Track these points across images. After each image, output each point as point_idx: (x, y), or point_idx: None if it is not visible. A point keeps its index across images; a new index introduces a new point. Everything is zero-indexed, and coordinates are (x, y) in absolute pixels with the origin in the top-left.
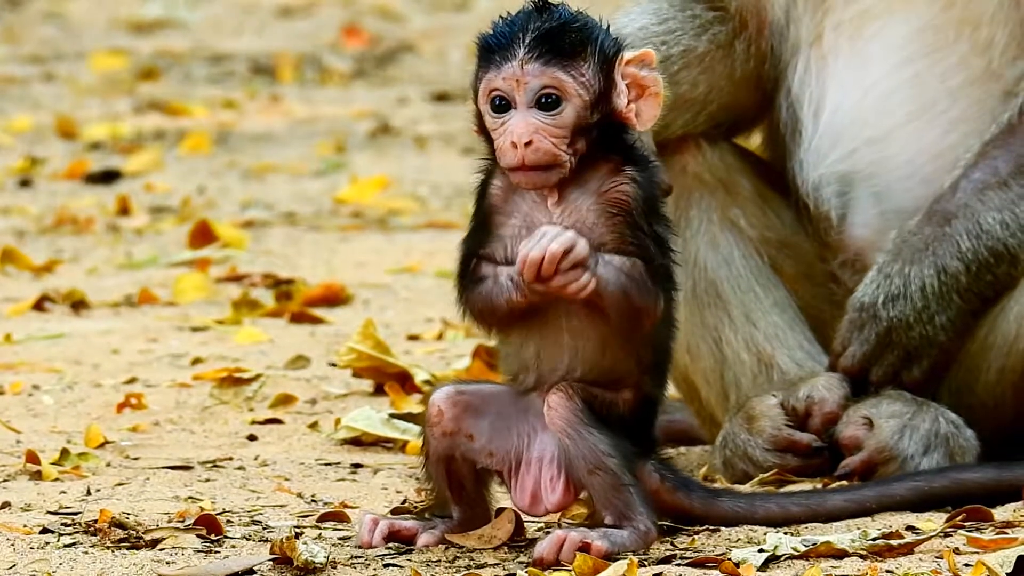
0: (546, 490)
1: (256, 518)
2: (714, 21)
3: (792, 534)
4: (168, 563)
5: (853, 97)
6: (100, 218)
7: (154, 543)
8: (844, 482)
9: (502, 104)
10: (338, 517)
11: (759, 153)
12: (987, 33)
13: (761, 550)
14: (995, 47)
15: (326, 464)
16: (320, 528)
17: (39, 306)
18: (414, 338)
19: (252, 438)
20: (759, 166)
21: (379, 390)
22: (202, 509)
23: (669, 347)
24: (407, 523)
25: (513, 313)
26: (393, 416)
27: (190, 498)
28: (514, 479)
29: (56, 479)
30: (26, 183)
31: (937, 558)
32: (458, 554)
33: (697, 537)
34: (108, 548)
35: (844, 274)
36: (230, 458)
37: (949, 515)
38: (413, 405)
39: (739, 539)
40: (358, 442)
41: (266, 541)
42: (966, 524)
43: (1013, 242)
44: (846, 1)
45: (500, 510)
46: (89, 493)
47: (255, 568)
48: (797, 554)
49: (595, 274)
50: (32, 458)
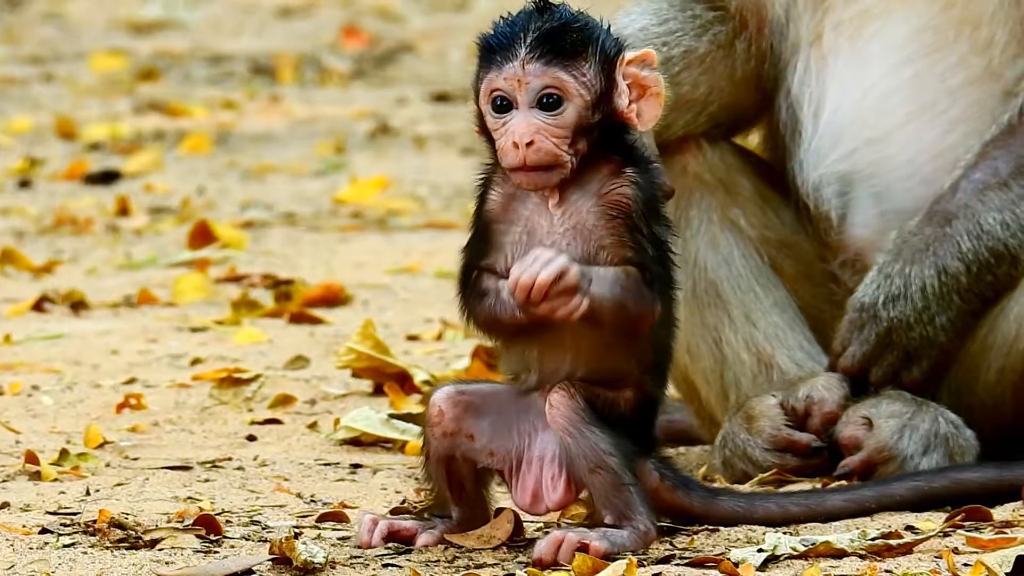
0: (547, 489)
1: (255, 518)
2: (714, 21)
3: (791, 534)
4: (167, 563)
5: (853, 97)
6: (99, 219)
7: (153, 543)
8: (843, 482)
9: (503, 104)
10: (337, 517)
11: (759, 153)
12: (987, 32)
13: (760, 550)
14: (995, 46)
15: (325, 464)
16: (319, 528)
17: (38, 307)
18: (413, 338)
19: (251, 438)
20: (759, 166)
21: (378, 390)
22: (201, 509)
23: (669, 347)
24: (406, 523)
25: (518, 327)
26: (392, 416)
27: (189, 498)
28: (515, 478)
29: (55, 479)
30: (25, 184)
31: (936, 558)
32: (457, 554)
33: (696, 537)
34: (107, 548)
35: (844, 274)
36: (229, 458)
37: (948, 515)
38: (412, 405)
39: (738, 539)
40: (357, 442)
41: (265, 541)
42: (965, 524)
43: (1014, 242)
44: (846, 1)
45: (499, 510)
46: (88, 493)
47: (254, 568)
48: (796, 554)
49: (587, 295)
50: (31, 458)
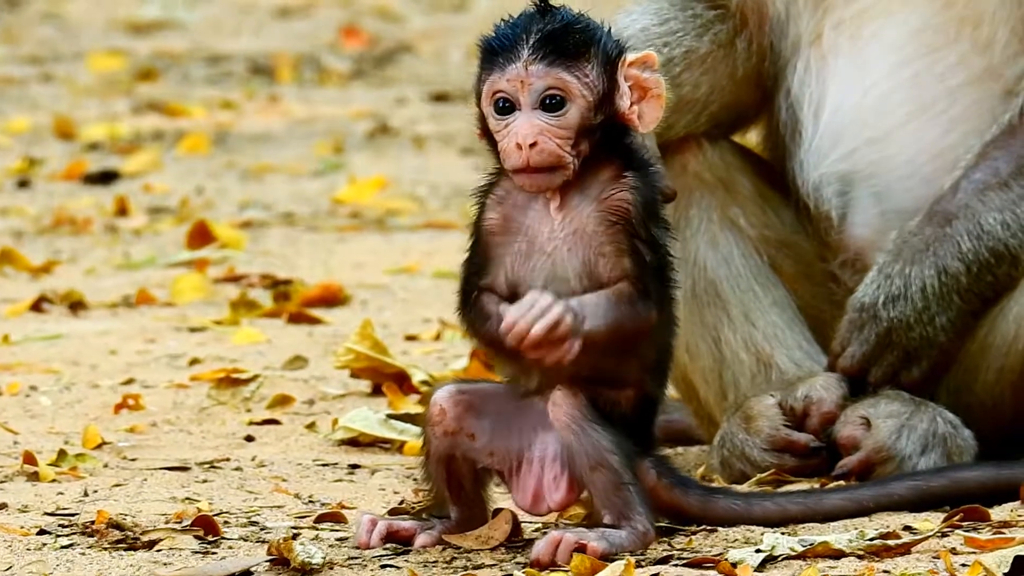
0: (549, 489)
1: (253, 519)
2: (715, 20)
3: (789, 534)
4: (165, 564)
5: (853, 97)
6: (98, 219)
7: (151, 544)
8: (841, 482)
9: (506, 106)
10: (335, 518)
11: (759, 152)
12: (987, 32)
13: (758, 550)
14: (995, 45)
15: (323, 465)
16: (317, 529)
17: (37, 307)
18: (412, 338)
19: (249, 439)
20: (759, 165)
21: (377, 391)
22: (199, 510)
23: (670, 347)
24: (405, 523)
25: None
26: (391, 417)
27: (187, 499)
28: (515, 479)
29: (53, 480)
30: (24, 184)
31: (934, 558)
32: (455, 555)
33: (694, 537)
34: (105, 549)
35: (844, 274)
36: (227, 459)
37: (946, 515)
38: (411, 406)
39: (736, 539)
40: (355, 443)
41: (263, 542)
42: (963, 524)
43: (1014, 243)
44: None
45: (497, 511)
46: (86, 494)
47: (252, 569)
48: (794, 554)
49: (581, 335)
50: (29, 459)
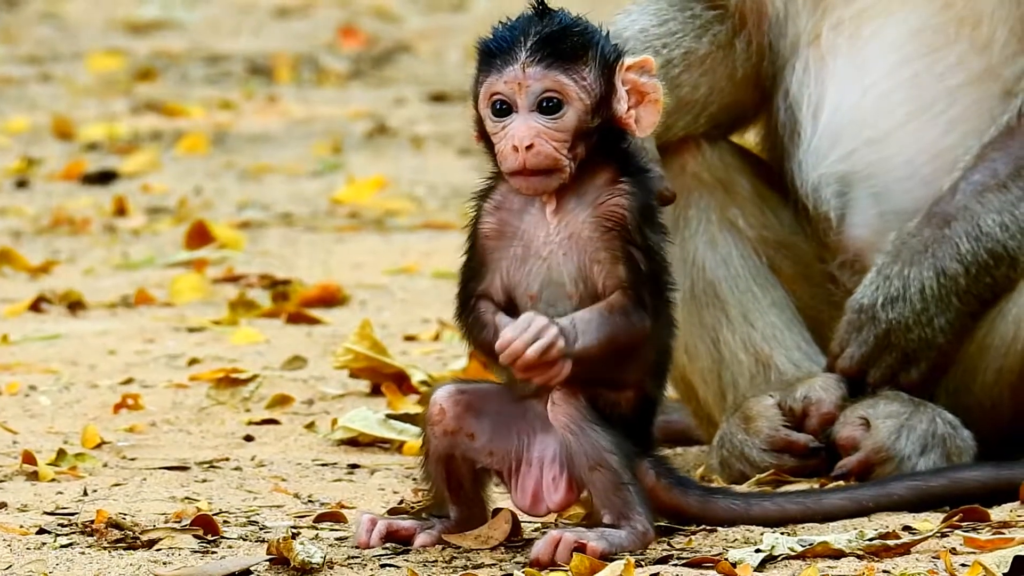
0: (548, 490)
1: (253, 518)
2: (714, 20)
3: (789, 534)
4: (165, 563)
5: (852, 97)
6: (97, 219)
7: (151, 543)
8: (841, 482)
9: (503, 108)
10: (335, 517)
11: (758, 153)
12: (987, 32)
13: (758, 550)
14: (994, 45)
15: (323, 464)
16: (317, 528)
17: (36, 307)
18: (411, 339)
19: (249, 439)
20: (758, 166)
21: (376, 391)
22: (199, 509)
23: (669, 348)
24: (405, 523)
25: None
26: (390, 416)
27: (187, 498)
28: (514, 479)
29: (53, 480)
30: (23, 184)
31: (934, 558)
32: (455, 554)
33: (694, 537)
34: (105, 548)
35: (843, 275)
36: (227, 458)
37: (946, 515)
38: (410, 406)
39: (736, 539)
40: (355, 442)
41: (263, 541)
42: (963, 524)
43: (1012, 244)
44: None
45: (497, 510)
46: (86, 494)
47: (252, 568)
48: (794, 554)
49: (573, 355)
50: (29, 459)
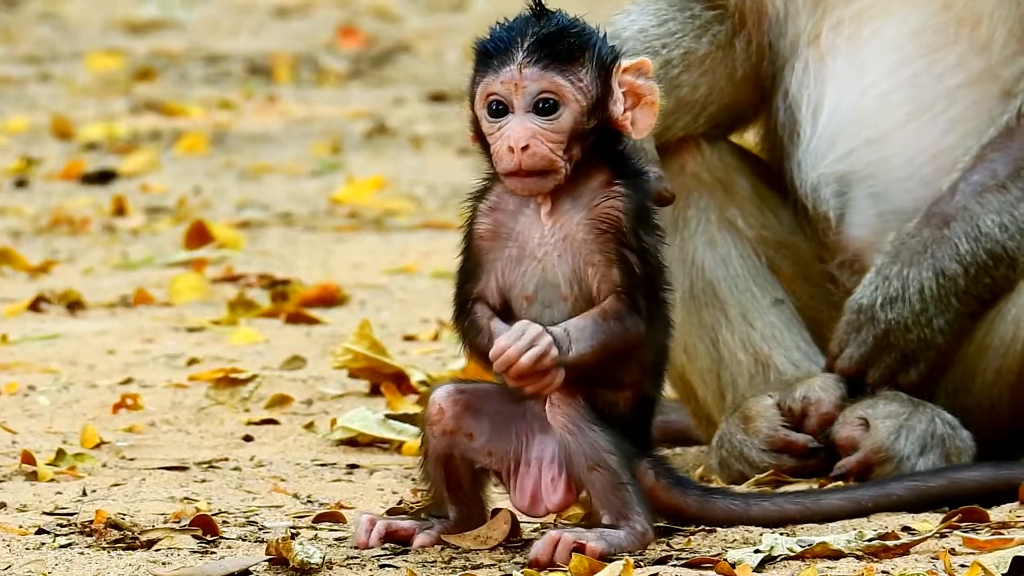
0: (547, 490)
1: (252, 519)
2: (713, 20)
3: (788, 535)
4: (164, 564)
5: (851, 97)
6: (96, 219)
7: (150, 544)
8: (840, 483)
9: (499, 109)
10: (334, 518)
11: (757, 153)
12: (986, 32)
13: (757, 551)
14: (994, 46)
15: (322, 465)
16: (316, 529)
17: (35, 307)
18: (410, 339)
19: (248, 439)
20: (758, 166)
21: (375, 391)
22: (198, 510)
23: (667, 348)
24: (404, 523)
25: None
26: (389, 417)
27: (186, 499)
28: (513, 479)
29: (52, 480)
30: (22, 183)
31: (933, 559)
32: (454, 555)
33: (693, 538)
34: (104, 549)
35: (842, 275)
36: (226, 459)
37: (945, 516)
38: (409, 406)
39: (735, 540)
40: (354, 443)
41: (262, 542)
42: (962, 525)
43: (1011, 245)
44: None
45: (496, 511)
46: (85, 494)
47: (251, 569)
48: (793, 555)
49: (566, 363)
50: (28, 459)
